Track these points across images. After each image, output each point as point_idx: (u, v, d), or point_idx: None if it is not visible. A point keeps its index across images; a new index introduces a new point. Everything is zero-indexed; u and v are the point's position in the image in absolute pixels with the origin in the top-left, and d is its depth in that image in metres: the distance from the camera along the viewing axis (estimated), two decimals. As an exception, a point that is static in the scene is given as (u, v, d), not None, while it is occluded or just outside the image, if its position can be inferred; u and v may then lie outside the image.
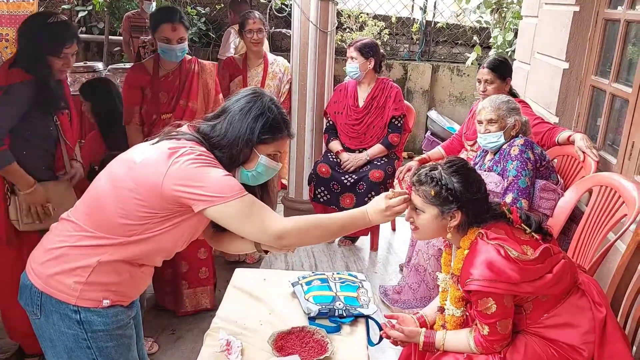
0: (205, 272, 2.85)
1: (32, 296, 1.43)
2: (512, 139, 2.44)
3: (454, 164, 1.62)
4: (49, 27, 2.22)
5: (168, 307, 2.88)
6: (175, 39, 2.64)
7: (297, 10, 3.56)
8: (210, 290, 2.90)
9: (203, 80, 2.78)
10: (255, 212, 1.41)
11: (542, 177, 2.43)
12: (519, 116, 2.47)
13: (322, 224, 1.50)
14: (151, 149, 1.43)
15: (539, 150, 2.43)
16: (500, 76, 2.84)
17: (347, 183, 3.36)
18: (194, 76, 2.76)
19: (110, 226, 1.40)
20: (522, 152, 2.36)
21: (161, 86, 2.72)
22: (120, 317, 1.47)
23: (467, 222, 1.58)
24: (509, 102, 2.49)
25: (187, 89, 2.74)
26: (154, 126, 2.71)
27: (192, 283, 2.83)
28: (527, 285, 1.48)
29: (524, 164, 2.34)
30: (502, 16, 5.21)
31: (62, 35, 2.24)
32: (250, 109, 1.48)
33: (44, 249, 1.47)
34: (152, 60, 2.78)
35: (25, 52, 2.21)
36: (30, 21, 2.28)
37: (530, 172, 2.35)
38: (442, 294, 1.74)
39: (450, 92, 6.39)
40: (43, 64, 2.20)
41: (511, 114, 2.45)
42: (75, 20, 6.77)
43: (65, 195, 2.39)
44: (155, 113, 2.72)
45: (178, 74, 2.74)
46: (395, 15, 6.48)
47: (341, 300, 1.92)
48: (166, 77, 2.74)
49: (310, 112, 3.72)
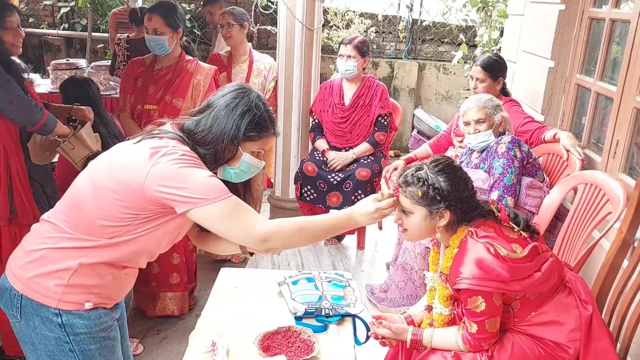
0: (176, 278, 2.80)
1: (12, 299, 1.39)
2: (499, 137, 2.45)
3: (440, 162, 1.61)
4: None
5: (140, 306, 2.84)
6: (150, 28, 2.65)
7: (283, 7, 3.53)
8: (181, 296, 2.83)
9: (196, 81, 2.76)
10: (239, 214, 1.38)
11: (528, 175, 2.45)
12: (503, 112, 2.48)
13: (307, 226, 1.47)
14: (133, 149, 1.39)
15: (525, 148, 2.44)
16: (491, 75, 2.85)
17: (333, 182, 3.35)
18: (186, 75, 2.75)
19: (91, 228, 1.36)
20: (509, 149, 2.37)
21: (152, 78, 2.74)
22: (104, 320, 1.43)
23: (456, 221, 1.58)
24: (492, 99, 2.51)
25: (176, 86, 2.73)
26: (141, 117, 2.74)
27: (162, 287, 2.78)
28: (516, 284, 1.48)
29: (511, 162, 2.35)
30: (488, 15, 5.24)
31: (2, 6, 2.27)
32: (237, 104, 1.45)
33: (23, 250, 1.43)
34: (152, 55, 2.80)
35: None
36: None
37: (516, 170, 2.36)
38: (429, 293, 1.73)
39: (437, 90, 6.42)
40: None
41: (497, 111, 2.46)
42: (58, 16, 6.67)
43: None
44: (140, 103, 2.74)
45: (172, 69, 2.75)
46: (382, 14, 6.47)
47: (328, 299, 1.91)
48: (159, 70, 2.76)
49: (296, 110, 3.70)
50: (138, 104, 2.75)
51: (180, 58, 2.76)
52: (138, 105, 2.74)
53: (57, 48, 6.41)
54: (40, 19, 6.74)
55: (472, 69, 2.93)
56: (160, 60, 2.77)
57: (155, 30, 2.64)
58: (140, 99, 2.74)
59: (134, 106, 2.76)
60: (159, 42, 2.66)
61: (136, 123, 2.75)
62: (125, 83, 2.80)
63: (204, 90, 2.76)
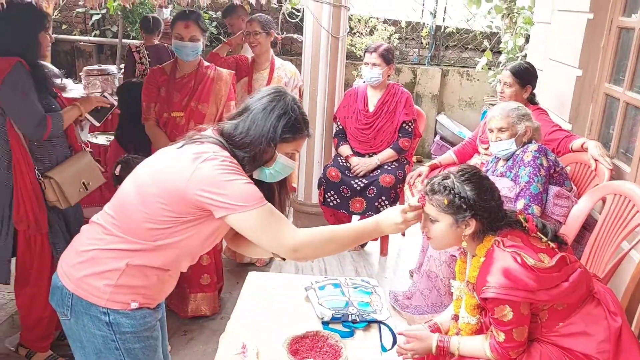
0: (207, 279, 2.85)
1: (63, 298, 1.46)
2: (525, 145, 2.44)
3: (466, 172, 1.63)
4: (30, 7, 2.30)
5: (171, 307, 2.90)
6: (187, 36, 2.70)
7: (309, 16, 3.58)
8: (212, 296, 2.89)
9: (217, 87, 2.81)
10: (272, 223, 1.42)
11: (555, 184, 2.44)
12: (530, 122, 2.47)
13: (336, 236, 1.51)
14: (176, 154, 1.45)
15: (552, 156, 2.43)
16: (520, 82, 2.84)
17: (357, 187, 3.37)
18: (208, 81, 2.80)
19: (137, 230, 1.42)
20: (535, 158, 2.37)
21: (176, 86, 2.80)
22: (148, 320, 1.49)
23: (482, 230, 1.59)
24: (519, 109, 2.50)
25: (200, 92, 2.78)
26: (167, 125, 2.79)
27: (193, 288, 2.84)
28: (544, 294, 1.49)
29: (537, 170, 2.34)
30: (512, 21, 5.22)
31: (42, 12, 2.37)
32: (274, 107, 1.49)
33: (75, 251, 1.49)
34: (171, 63, 2.86)
35: (14, 36, 2.24)
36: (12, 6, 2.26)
37: (542, 179, 2.35)
38: (456, 302, 1.74)
39: (460, 96, 6.39)
40: (35, 43, 2.29)
41: (521, 120, 2.45)
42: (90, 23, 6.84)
43: (90, 167, 2.50)
44: (166, 111, 2.79)
45: (194, 76, 2.80)
46: (405, 20, 6.48)
47: (355, 305, 1.94)
48: (182, 78, 2.81)
49: (320, 116, 3.73)
50: (164, 112, 2.79)
51: (199, 65, 2.82)
52: (164, 113, 2.79)
53: (89, 54, 6.58)
54: (73, 26, 6.93)
55: (502, 73, 2.94)
56: (181, 68, 2.81)
57: (193, 37, 2.70)
58: (165, 107, 2.78)
59: (159, 114, 2.81)
60: (196, 48, 2.73)
61: (162, 130, 2.80)
62: (148, 92, 2.82)
63: (225, 94, 2.83)
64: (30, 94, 2.23)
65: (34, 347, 2.50)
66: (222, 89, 2.82)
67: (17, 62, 2.20)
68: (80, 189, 2.42)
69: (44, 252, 2.40)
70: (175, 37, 2.73)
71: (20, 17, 2.24)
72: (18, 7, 2.25)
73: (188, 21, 2.71)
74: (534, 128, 2.48)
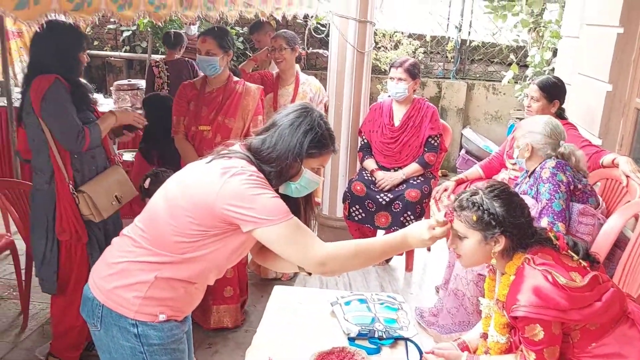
0: (230, 291, 2.88)
1: (94, 309, 1.49)
2: (543, 162, 2.39)
3: (495, 188, 1.61)
4: (72, 27, 2.38)
5: (194, 318, 2.92)
6: (203, 50, 2.78)
7: (335, 31, 3.62)
8: (234, 309, 2.91)
9: (245, 102, 2.86)
10: (299, 237, 1.43)
11: (578, 201, 2.37)
12: (532, 139, 2.38)
13: (363, 250, 1.50)
14: (204, 168, 1.48)
15: (570, 172, 2.36)
16: (547, 96, 2.81)
17: (382, 202, 3.36)
18: (236, 96, 2.85)
19: (166, 243, 1.45)
20: (554, 174, 2.31)
21: (205, 100, 2.86)
22: (175, 332, 1.51)
23: (512, 247, 1.57)
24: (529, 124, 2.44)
25: (227, 107, 2.84)
26: (195, 138, 2.85)
27: (216, 300, 2.86)
28: (576, 313, 1.46)
29: (557, 187, 2.29)
30: (540, 35, 5.18)
31: (81, 33, 2.46)
32: (300, 123, 1.51)
33: (105, 263, 1.53)
34: (202, 78, 2.93)
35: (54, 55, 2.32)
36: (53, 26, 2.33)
37: (564, 195, 2.29)
38: (485, 320, 1.72)
39: (486, 110, 6.35)
40: (74, 62, 2.38)
41: (525, 136, 2.40)
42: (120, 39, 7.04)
43: (122, 181, 2.56)
44: (194, 125, 2.85)
45: (222, 91, 2.85)
46: (430, 34, 6.49)
47: (381, 321, 1.92)
48: (211, 92, 2.87)
49: (345, 130, 3.75)
50: (192, 126, 2.85)
51: (228, 80, 2.88)
52: (192, 126, 2.85)
53: (119, 69, 6.78)
54: (104, 41, 7.15)
55: (529, 87, 2.92)
56: (210, 83, 2.88)
57: (208, 51, 2.77)
58: (194, 121, 2.85)
59: (187, 128, 2.88)
60: (211, 62, 2.78)
61: (190, 144, 2.86)
62: (178, 106, 2.91)
63: (252, 109, 2.87)
64: (69, 109, 2.31)
65: (63, 356, 2.55)
66: (249, 103, 2.87)
67: (56, 79, 2.28)
68: (112, 202, 2.48)
69: (82, 262, 2.47)
70: (197, 51, 2.83)
71: (60, 37, 2.33)
72: (59, 27, 2.34)
73: (205, 36, 2.80)
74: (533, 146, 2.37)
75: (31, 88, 2.29)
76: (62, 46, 2.33)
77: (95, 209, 2.39)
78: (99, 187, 2.43)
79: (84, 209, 2.38)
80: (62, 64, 2.32)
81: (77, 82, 2.39)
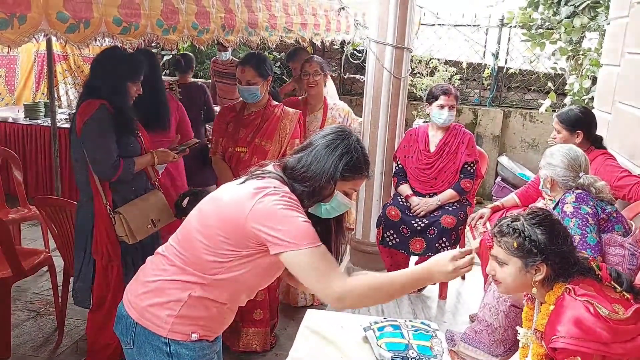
0: (260, 314, 2.89)
1: (128, 327, 1.51)
2: (563, 196, 2.34)
3: (537, 215, 1.59)
4: (129, 57, 2.45)
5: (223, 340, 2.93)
6: (243, 80, 2.84)
7: (372, 57, 3.67)
8: (263, 332, 2.91)
9: (282, 125, 2.91)
10: (322, 266, 1.41)
11: (603, 231, 2.30)
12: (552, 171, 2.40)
13: (384, 285, 1.46)
14: (238, 188, 1.50)
15: (593, 202, 2.30)
16: (568, 127, 2.83)
17: (417, 227, 3.34)
18: (274, 119, 2.91)
19: (197, 263, 1.47)
20: (577, 208, 2.24)
21: (243, 122, 2.93)
22: (206, 352, 1.52)
23: (552, 277, 1.54)
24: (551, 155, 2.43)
25: (265, 129, 2.89)
26: (231, 159, 2.91)
27: (246, 322, 2.87)
28: (619, 347, 1.41)
29: (585, 221, 2.22)
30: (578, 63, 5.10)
31: (140, 64, 2.52)
32: (337, 146, 1.52)
33: (140, 281, 1.55)
34: (242, 101, 3.00)
35: (105, 81, 2.40)
36: (110, 53, 2.45)
37: (594, 227, 2.23)
38: (522, 350, 1.68)
39: (522, 138, 6.27)
40: (123, 91, 2.43)
41: (545, 167, 2.43)
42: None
43: (160, 205, 2.61)
44: (231, 146, 2.91)
45: (261, 114, 2.92)
46: (466, 61, 6.49)
47: (414, 349, 1.90)
48: (249, 115, 2.94)
49: (380, 155, 3.76)
50: (229, 147, 2.92)
51: (268, 103, 2.94)
52: (229, 148, 2.92)
53: (158, 92, 7.00)
54: (145, 65, 7.42)
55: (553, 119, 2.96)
56: (249, 106, 2.95)
57: (248, 81, 2.83)
58: (231, 142, 2.92)
59: (225, 148, 2.95)
60: (252, 91, 2.85)
61: (226, 164, 2.93)
62: (217, 127, 3.00)
63: (290, 133, 2.91)
64: (107, 137, 2.37)
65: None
66: (287, 126, 2.92)
67: (101, 105, 2.36)
68: (148, 225, 2.52)
69: (118, 281, 2.52)
70: (237, 81, 2.90)
71: (114, 64, 2.42)
72: (116, 55, 2.44)
73: (244, 66, 2.85)
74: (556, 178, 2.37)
75: (78, 111, 2.39)
76: (113, 73, 2.41)
77: (130, 231, 2.44)
78: (136, 210, 2.48)
79: (120, 230, 2.43)
80: (110, 90, 2.39)
81: (121, 109, 2.43)
